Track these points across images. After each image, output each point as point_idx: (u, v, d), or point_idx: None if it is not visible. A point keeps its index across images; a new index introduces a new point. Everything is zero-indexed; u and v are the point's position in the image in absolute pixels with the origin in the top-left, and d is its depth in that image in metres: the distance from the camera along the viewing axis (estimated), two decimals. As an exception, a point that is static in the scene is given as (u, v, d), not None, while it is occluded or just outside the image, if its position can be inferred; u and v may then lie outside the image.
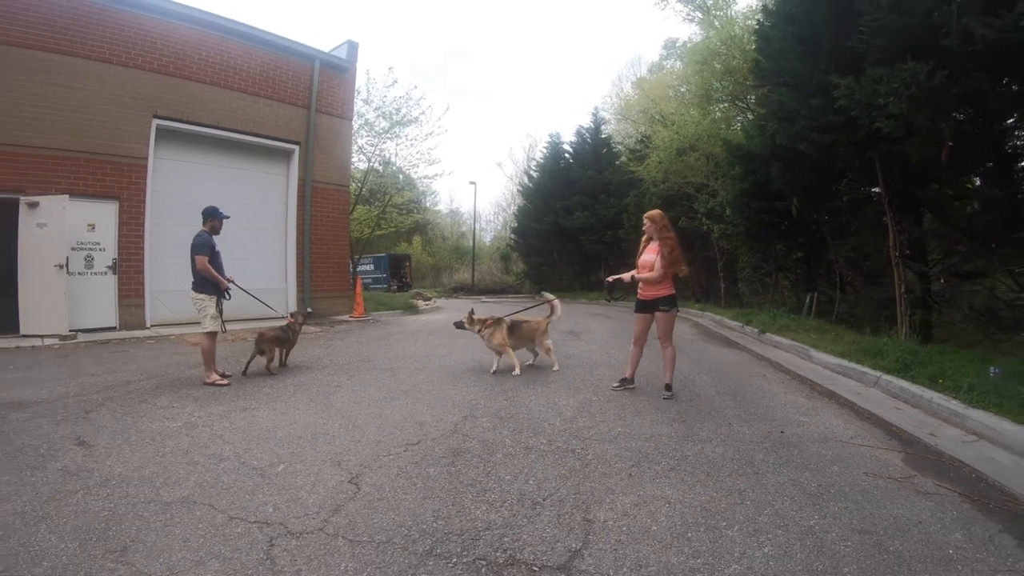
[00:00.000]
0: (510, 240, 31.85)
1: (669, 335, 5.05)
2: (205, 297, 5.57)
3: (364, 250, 24.00)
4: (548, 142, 27.34)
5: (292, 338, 6.44)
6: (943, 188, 7.91)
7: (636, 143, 19.68)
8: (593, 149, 24.32)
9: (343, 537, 2.43)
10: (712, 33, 14.88)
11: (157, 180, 9.98)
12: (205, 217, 5.71)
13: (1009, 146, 7.17)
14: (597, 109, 25.30)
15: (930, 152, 6.68)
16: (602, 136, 24.72)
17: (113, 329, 9.28)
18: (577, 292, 22.51)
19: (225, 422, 4.20)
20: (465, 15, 79.84)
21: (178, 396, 5.02)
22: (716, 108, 15.93)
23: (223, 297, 5.75)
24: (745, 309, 12.62)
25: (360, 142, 17.67)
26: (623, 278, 5.27)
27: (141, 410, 4.52)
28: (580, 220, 22.15)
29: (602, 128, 25.01)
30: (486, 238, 44.65)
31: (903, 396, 4.97)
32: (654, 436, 3.88)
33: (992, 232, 7.33)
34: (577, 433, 3.95)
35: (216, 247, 5.72)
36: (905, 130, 6.28)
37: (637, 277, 5.12)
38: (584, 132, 25.03)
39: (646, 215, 5.20)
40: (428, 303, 17.92)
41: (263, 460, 3.38)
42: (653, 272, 4.98)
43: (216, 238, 5.76)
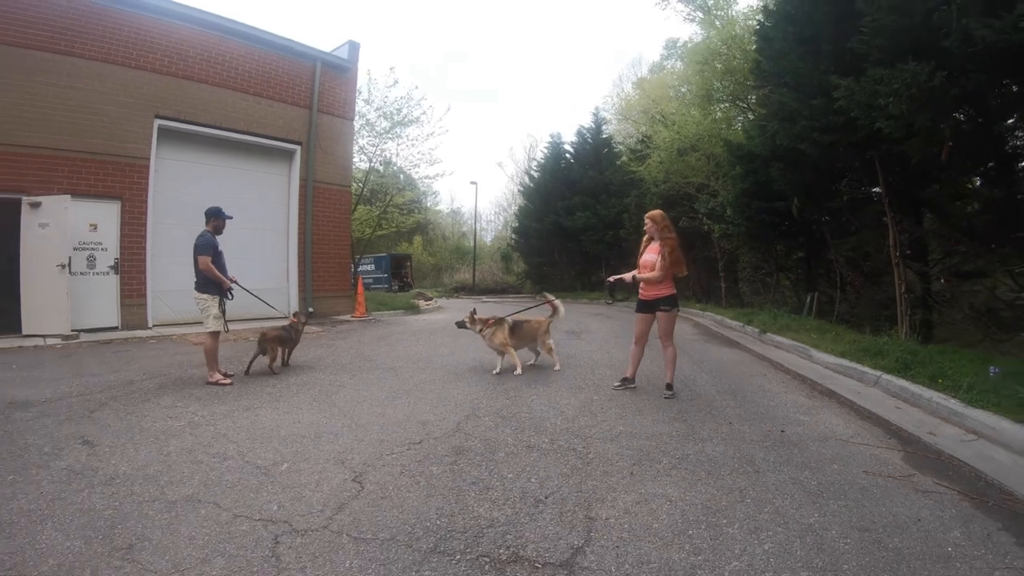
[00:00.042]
0: (511, 240, 31.85)
1: (670, 335, 5.08)
2: (208, 297, 5.59)
3: (365, 250, 24.05)
4: (549, 142, 27.41)
5: (295, 338, 6.46)
6: (943, 188, 7.92)
7: (637, 143, 19.69)
8: (594, 149, 24.34)
9: (347, 535, 2.45)
10: (713, 33, 14.91)
11: (159, 180, 10.00)
12: (208, 217, 5.74)
13: (1009, 146, 7.17)
14: (598, 109, 25.39)
15: (930, 152, 6.70)
16: (603, 136, 24.74)
17: (115, 329, 9.29)
18: (578, 292, 22.52)
19: (228, 421, 4.22)
20: (465, 15, 79.97)
21: (181, 395, 5.04)
22: (717, 108, 15.96)
23: (226, 297, 5.76)
24: (746, 309, 12.64)
25: (361, 142, 17.74)
26: (624, 278, 5.29)
27: (144, 409, 4.54)
28: (581, 220, 22.17)
29: (603, 128, 25.03)
30: (487, 238, 44.72)
31: (903, 395, 4.99)
32: (655, 435, 3.91)
33: (992, 232, 7.34)
34: (579, 432, 3.97)
35: (219, 247, 5.74)
36: (905, 130, 6.30)
37: (638, 277, 5.14)
38: (585, 132, 25.06)
39: (648, 215, 5.21)
40: (429, 303, 17.94)
41: (267, 459, 3.40)
42: (654, 272, 5.00)
43: (218, 238, 5.79)
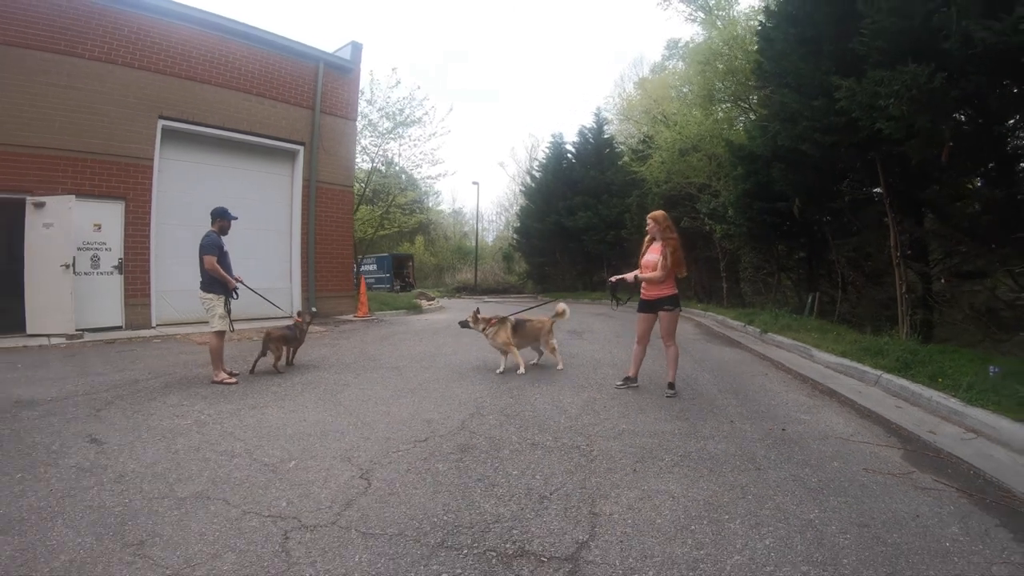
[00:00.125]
0: (513, 240, 31.85)
1: (672, 334, 5.11)
2: (214, 297, 5.63)
3: (367, 250, 24.09)
4: (551, 142, 27.43)
5: (299, 337, 6.50)
6: (944, 189, 7.94)
7: (638, 143, 19.72)
8: (596, 149, 24.35)
9: (356, 530, 2.49)
10: (714, 33, 14.94)
11: (162, 180, 10.05)
12: (214, 217, 5.78)
13: (1009, 147, 7.20)
14: (599, 109, 25.43)
15: (931, 153, 6.72)
16: (604, 136, 24.76)
17: (119, 328, 9.34)
18: (580, 292, 22.54)
19: (235, 420, 4.26)
20: (465, 15, 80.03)
21: (187, 394, 5.08)
22: (718, 108, 15.99)
23: (231, 297, 5.81)
24: (747, 309, 12.68)
25: (364, 142, 17.79)
26: (626, 278, 5.33)
27: (151, 408, 4.57)
28: (583, 220, 22.17)
29: (604, 128, 25.03)
30: (488, 238, 44.74)
31: (903, 394, 5.03)
32: (657, 433, 3.94)
33: (993, 232, 7.36)
34: (582, 430, 4.01)
35: (225, 247, 5.79)
36: (906, 131, 6.32)
37: (640, 277, 5.17)
38: (586, 132, 25.07)
39: (650, 215, 5.25)
40: (431, 303, 17.97)
41: (274, 456, 3.44)
42: (656, 272, 5.03)
43: (223, 238, 5.83)
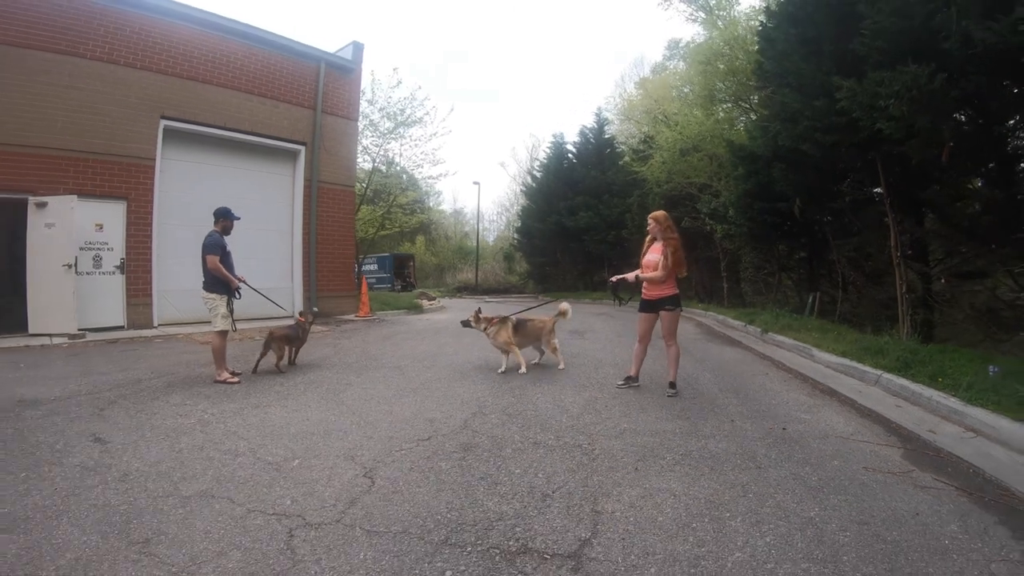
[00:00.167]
0: (513, 240, 31.88)
1: (673, 334, 5.13)
2: (216, 296, 5.65)
3: (368, 250, 24.12)
4: (551, 142, 27.46)
5: (302, 337, 6.53)
6: (944, 189, 7.95)
7: (639, 143, 19.74)
8: (596, 149, 24.38)
9: (360, 528, 2.51)
10: (715, 34, 14.96)
11: (164, 180, 10.08)
12: (217, 217, 5.81)
13: (1010, 147, 7.21)
14: (600, 109, 25.46)
15: (931, 153, 6.74)
16: (605, 136, 24.79)
17: (121, 328, 9.37)
18: (581, 292, 22.54)
19: (238, 419, 4.28)
20: (465, 15, 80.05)
21: (190, 394, 5.10)
22: (719, 109, 16.01)
23: (234, 296, 5.83)
24: (748, 309, 12.70)
25: (365, 142, 17.82)
26: (627, 278, 5.35)
27: (154, 407, 4.59)
28: (584, 220, 22.19)
29: (605, 128, 25.06)
30: (489, 238, 44.74)
31: (903, 394, 5.04)
32: (659, 432, 3.96)
33: (993, 233, 7.37)
34: (584, 429, 4.03)
35: (227, 247, 5.81)
36: (906, 132, 6.34)
37: (641, 277, 5.19)
38: (587, 132, 25.09)
39: (651, 215, 5.27)
40: (432, 303, 17.99)
41: (278, 455, 3.46)
42: (657, 272, 5.05)
43: (225, 238, 5.85)
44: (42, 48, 8.73)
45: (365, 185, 18.96)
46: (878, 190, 8.72)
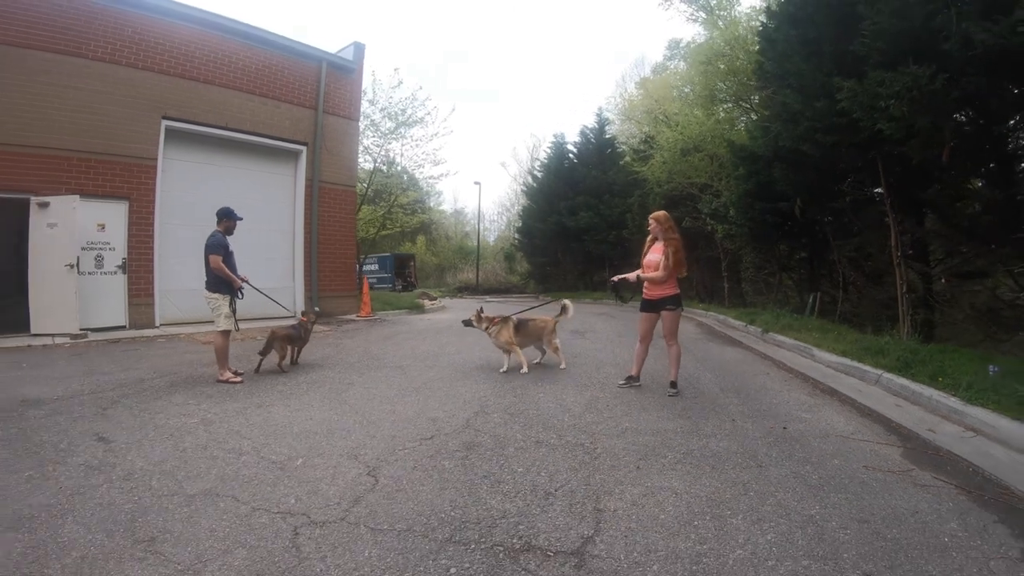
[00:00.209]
0: (514, 240, 31.92)
1: (674, 334, 5.14)
2: (219, 296, 5.67)
3: (369, 250, 24.14)
4: (552, 142, 27.50)
5: (304, 336, 6.54)
6: (944, 189, 7.97)
7: (640, 143, 19.76)
8: (597, 149, 24.40)
9: (365, 526, 2.53)
10: (716, 34, 14.98)
11: (166, 180, 10.09)
12: (220, 218, 5.83)
13: (1010, 147, 7.23)
14: (601, 109, 25.48)
15: (931, 153, 6.76)
16: (606, 136, 24.82)
17: (123, 328, 9.39)
18: (581, 292, 22.54)
19: (241, 418, 4.30)
20: (465, 15, 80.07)
21: (193, 393, 5.12)
22: (720, 109, 16.02)
23: (237, 296, 5.85)
24: (749, 309, 12.71)
25: (366, 142, 17.85)
26: (628, 278, 5.36)
27: (157, 407, 4.61)
28: (584, 220, 22.21)
29: (606, 128, 25.09)
30: (490, 238, 44.80)
31: (903, 393, 5.06)
32: (660, 431, 3.98)
33: (993, 233, 7.39)
34: (586, 428, 4.05)
35: (230, 247, 5.83)
36: (906, 132, 6.35)
37: (642, 277, 5.20)
38: (588, 132, 25.12)
39: (652, 216, 5.29)
40: (433, 303, 18.01)
41: (281, 454, 3.48)
42: (658, 272, 5.06)
43: (227, 238, 5.87)
44: (42, 48, 8.73)
45: (366, 185, 18.98)
46: (878, 190, 8.74)
